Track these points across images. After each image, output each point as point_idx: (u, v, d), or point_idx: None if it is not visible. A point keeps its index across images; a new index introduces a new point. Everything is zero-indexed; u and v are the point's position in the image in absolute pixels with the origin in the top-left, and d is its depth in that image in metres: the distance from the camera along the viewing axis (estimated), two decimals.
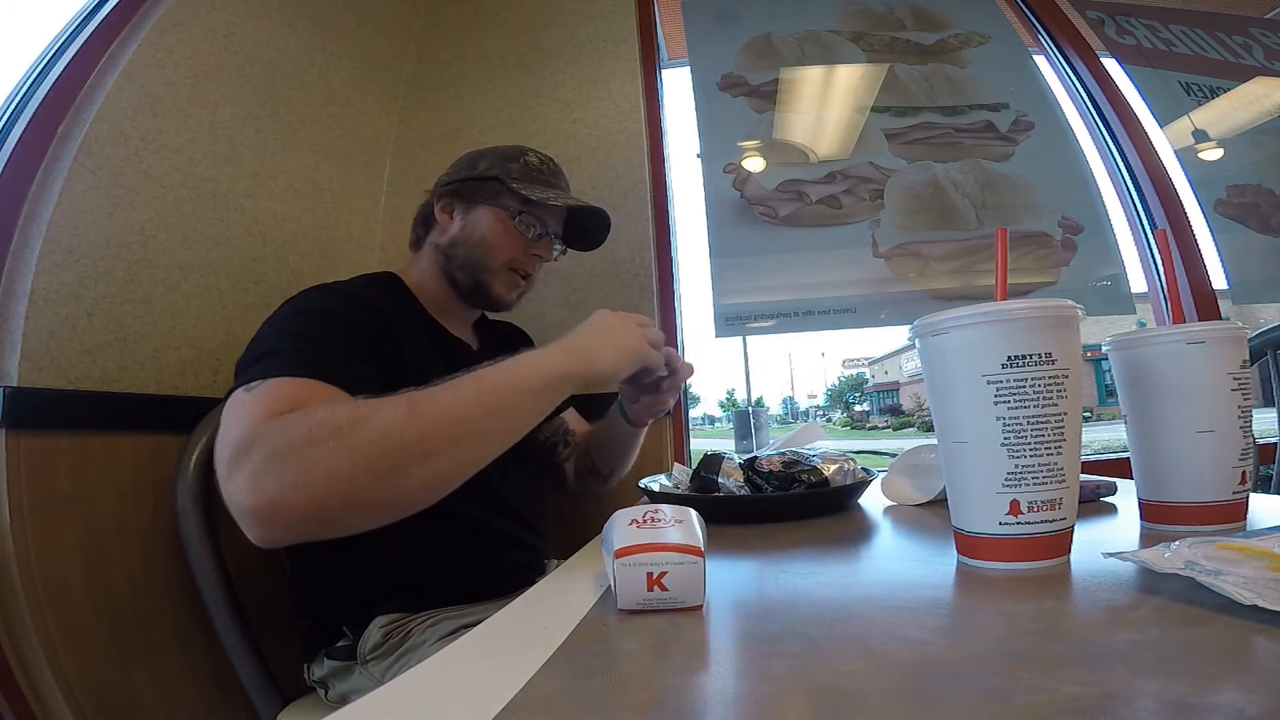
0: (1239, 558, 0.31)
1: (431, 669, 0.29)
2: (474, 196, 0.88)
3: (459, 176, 0.90)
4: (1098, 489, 0.62)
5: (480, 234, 0.87)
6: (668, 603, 0.35)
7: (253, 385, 0.56)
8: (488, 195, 0.87)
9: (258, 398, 0.55)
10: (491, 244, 0.87)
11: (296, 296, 0.75)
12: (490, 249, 0.87)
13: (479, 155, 0.91)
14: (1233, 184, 1.55)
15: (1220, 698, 0.21)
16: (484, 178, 0.88)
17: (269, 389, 0.55)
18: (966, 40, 1.67)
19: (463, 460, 0.54)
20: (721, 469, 0.71)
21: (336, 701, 0.77)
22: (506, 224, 0.87)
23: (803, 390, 33.60)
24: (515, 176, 0.87)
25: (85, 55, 0.92)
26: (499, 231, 0.87)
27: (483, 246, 0.87)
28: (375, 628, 0.74)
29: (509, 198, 0.87)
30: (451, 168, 0.93)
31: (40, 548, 0.75)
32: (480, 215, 0.87)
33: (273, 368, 0.57)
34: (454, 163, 0.94)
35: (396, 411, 0.51)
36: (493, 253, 0.87)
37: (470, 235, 0.87)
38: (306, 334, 0.65)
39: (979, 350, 0.38)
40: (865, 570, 0.45)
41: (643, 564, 0.35)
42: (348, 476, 0.49)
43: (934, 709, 0.22)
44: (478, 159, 0.91)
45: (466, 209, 0.88)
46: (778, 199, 1.46)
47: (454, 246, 0.88)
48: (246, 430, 0.51)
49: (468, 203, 0.88)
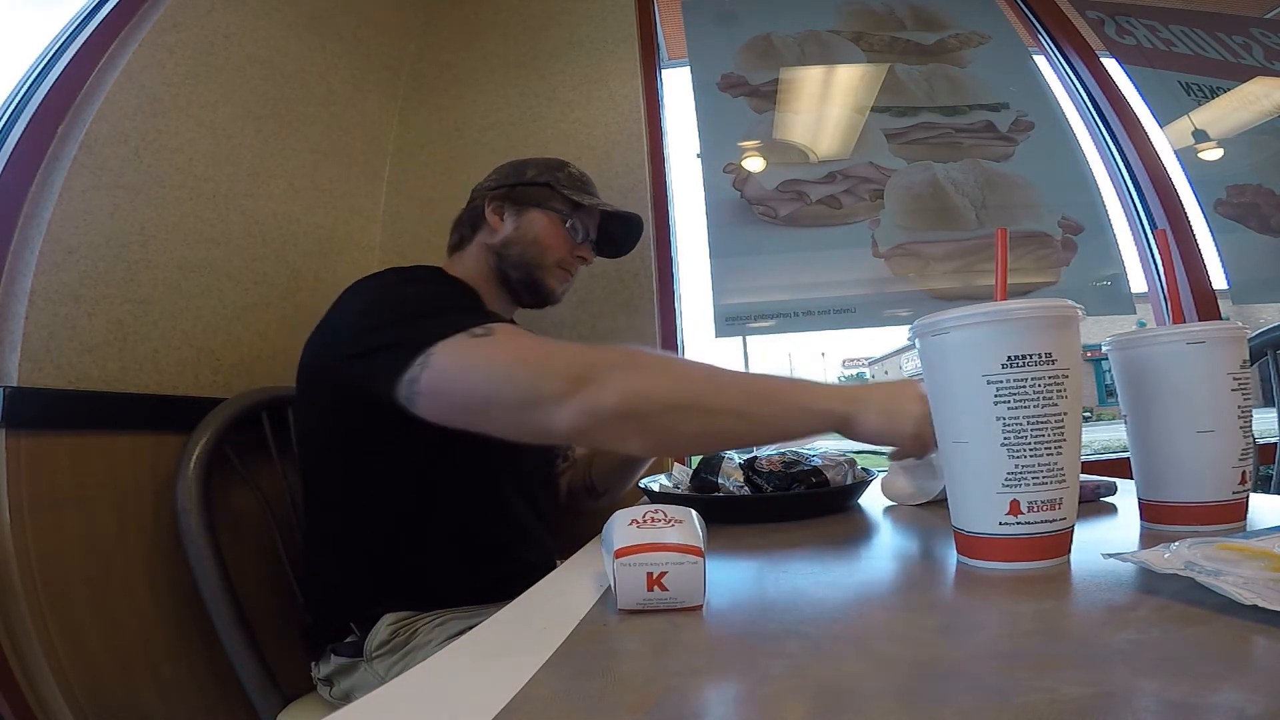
0: (1239, 558, 0.31)
1: (432, 669, 0.29)
2: (526, 200, 0.93)
3: (508, 182, 0.95)
4: (1098, 489, 0.62)
5: (534, 234, 0.92)
6: (668, 603, 0.35)
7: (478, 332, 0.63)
8: (539, 199, 0.93)
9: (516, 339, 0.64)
10: (545, 243, 0.92)
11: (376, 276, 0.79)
12: (544, 248, 0.92)
13: (525, 164, 0.97)
14: (1233, 184, 1.55)
15: (1220, 698, 0.21)
16: (535, 183, 0.94)
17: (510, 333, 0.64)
18: (966, 40, 1.67)
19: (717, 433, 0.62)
20: (721, 469, 0.72)
21: (340, 698, 0.78)
22: (558, 226, 0.93)
23: None
24: (564, 184, 0.94)
25: (85, 55, 0.92)
26: (551, 232, 0.93)
27: (537, 245, 0.92)
28: (383, 625, 0.74)
29: (560, 202, 0.93)
30: (495, 174, 0.98)
31: (40, 548, 0.75)
32: (534, 217, 0.93)
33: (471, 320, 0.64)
34: (496, 170, 0.99)
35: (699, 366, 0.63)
36: (546, 251, 0.93)
37: (524, 235, 0.92)
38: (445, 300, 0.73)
39: (979, 350, 0.38)
40: (865, 570, 0.45)
41: (642, 564, 0.35)
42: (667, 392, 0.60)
43: (934, 709, 0.22)
44: (524, 167, 0.97)
45: (519, 212, 0.93)
46: (778, 199, 1.46)
47: (508, 246, 0.92)
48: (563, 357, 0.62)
49: (519, 206, 0.93)
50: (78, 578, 0.78)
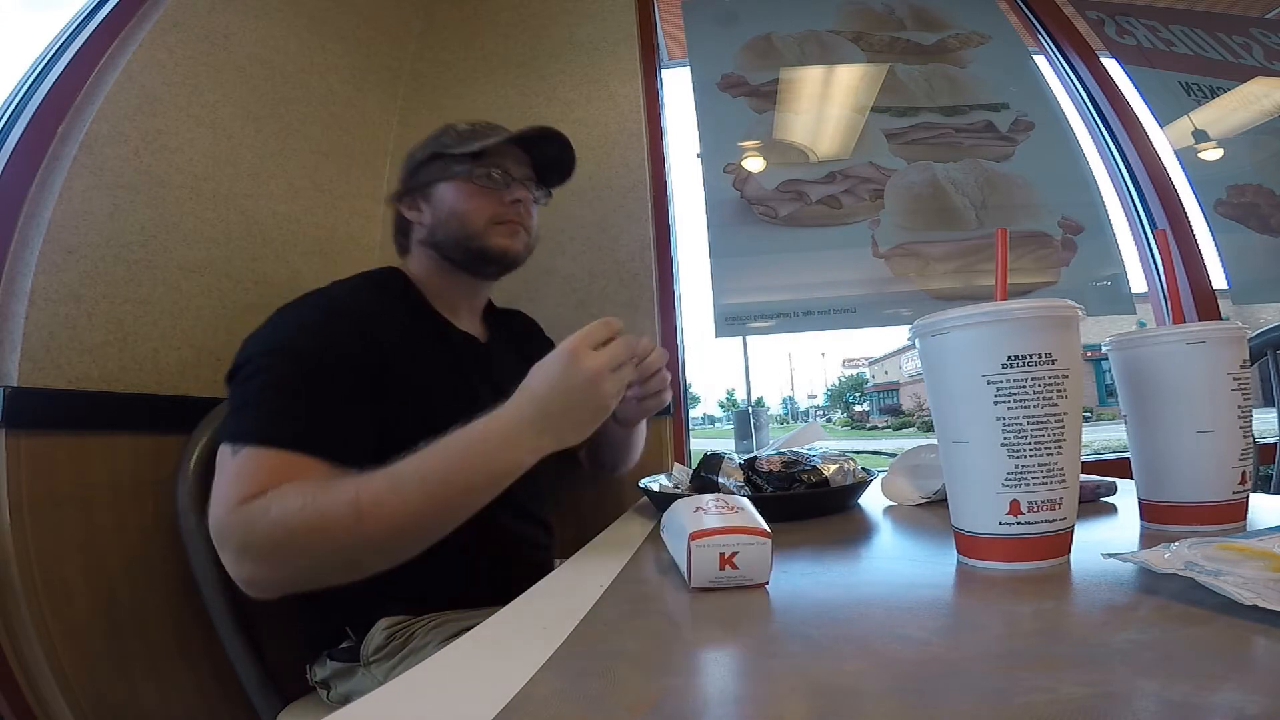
0: (1239, 558, 0.31)
1: (431, 669, 0.29)
2: (426, 181, 0.87)
3: (404, 175, 0.91)
4: (1098, 489, 0.62)
5: (449, 206, 0.86)
6: (737, 580, 0.38)
7: (238, 449, 0.62)
8: (437, 172, 0.87)
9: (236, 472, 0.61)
10: (464, 209, 0.85)
11: (287, 318, 0.75)
12: (466, 215, 0.85)
13: (412, 151, 0.92)
14: (1233, 184, 1.55)
15: (1220, 698, 0.21)
16: (424, 161, 0.88)
17: (246, 461, 0.61)
18: (966, 40, 1.67)
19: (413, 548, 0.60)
20: (721, 469, 0.71)
21: (338, 702, 0.77)
22: (466, 186, 0.85)
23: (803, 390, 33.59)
24: (451, 144, 0.86)
25: (85, 55, 0.92)
26: (464, 195, 0.85)
27: (458, 217, 0.85)
28: (378, 629, 0.73)
29: (455, 163, 0.86)
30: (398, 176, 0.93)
31: (40, 548, 0.75)
32: (440, 193, 0.86)
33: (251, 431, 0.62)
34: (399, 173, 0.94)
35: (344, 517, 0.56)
36: (470, 217, 0.85)
37: (440, 215, 0.86)
38: (291, 387, 0.66)
39: (979, 350, 0.38)
40: (865, 570, 0.45)
41: (716, 545, 0.38)
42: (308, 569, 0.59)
43: (934, 709, 0.22)
44: (412, 153, 0.91)
45: (427, 195, 0.88)
46: (778, 199, 1.46)
47: (435, 231, 0.87)
48: (220, 517, 0.59)
49: (423, 188, 0.88)
50: (78, 578, 0.78)
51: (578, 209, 1.41)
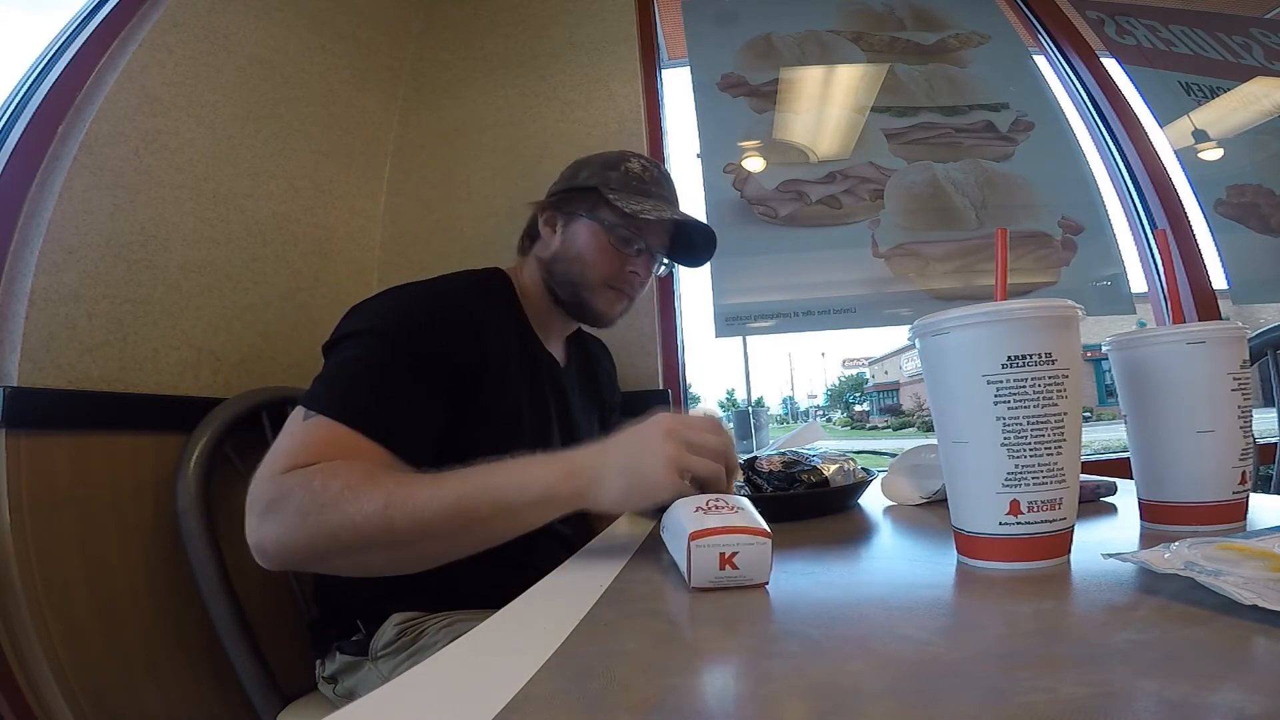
0: (1239, 558, 0.31)
1: (432, 668, 0.29)
2: (573, 208, 0.85)
3: (561, 187, 0.88)
4: (1098, 489, 0.62)
5: (577, 249, 0.84)
6: (737, 580, 0.38)
7: (310, 416, 0.61)
8: (586, 207, 0.84)
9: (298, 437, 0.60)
10: (588, 260, 0.83)
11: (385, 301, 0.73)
12: (587, 265, 0.83)
13: (583, 163, 0.88)
14: (1233, 184, 1.55)
15: (1220, 698, 0.21)
16: (583, 188, 0.85)
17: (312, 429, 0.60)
18: (966, 40, 1.67)
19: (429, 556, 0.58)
20: None
21: (343, 697, 0.77)
22: (602, 239, 0.83)
23: (803, 390, 33.57)
24: (613, 186, 0.83)
25: (85, 55, 0.92)
26: (595, 247, 0.83)
27: (580, 263, 0.83)
28: (390, 624, 0.74)
29: (605, 210, 0.83)
30: (560, 176, 0.90)
31: (40, 548, 0.75)
32: (578, 229, 0.84)
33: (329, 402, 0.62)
34: (564, 171, 0.91)
35: (374, 503, 0.54)
36: (590, 269, 0.83)
37: (568, 250, 0.84)
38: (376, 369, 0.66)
39: (979, 350, 0.38)
40: (865, 570, 0.45)
41: (716, 545, 0.38)
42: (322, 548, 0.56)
43: (934, 709, 0.22)
44: (581, 167, 0.88)
45: (566, 222, 0.85)
46: (778, 199, 1.46)
47: (554, 261, 0.85)
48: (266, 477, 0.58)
49: (567, 215, 0.85)
50: (78, 578, 0.78)
51: None
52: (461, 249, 1.43)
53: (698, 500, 0.44)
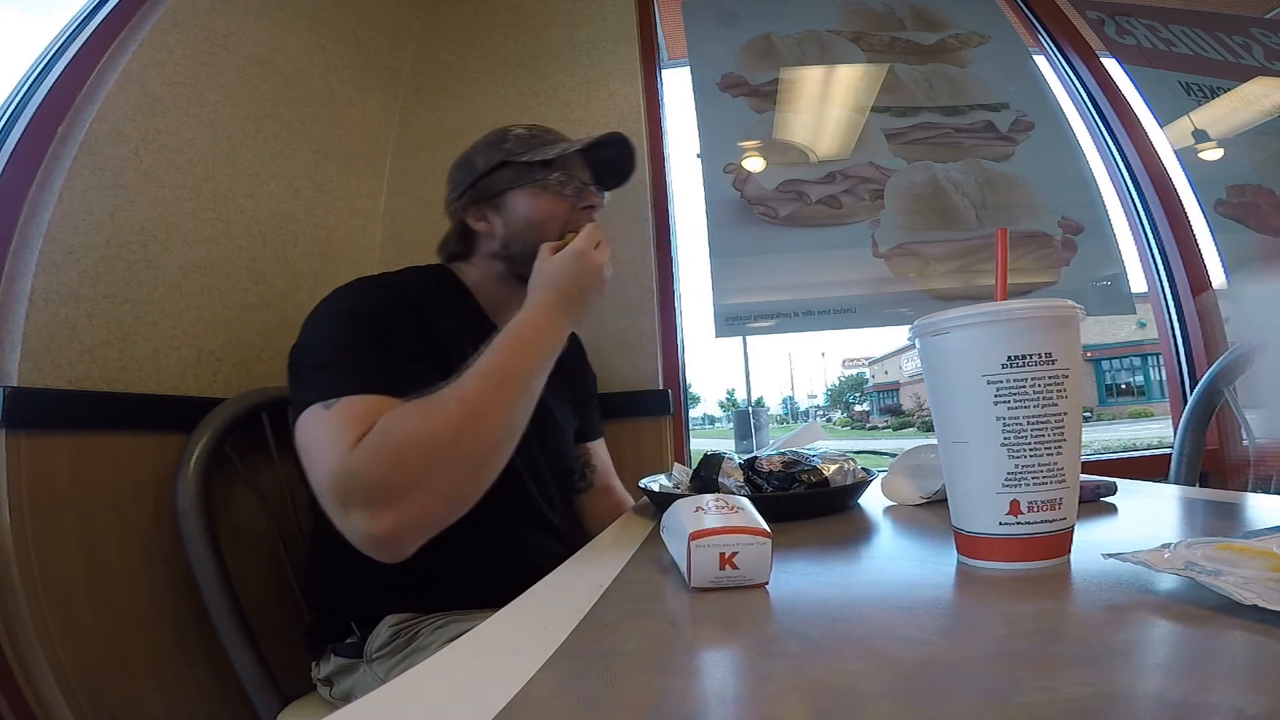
0: (1239, 558, 0.31)
1: (432, 668, 0.29)
2: (495, 190, 0.84)
3: (467, 182, 0.86)
4: (1098, 489, 0.62)
5: (524, 217, 0.83)
6: (737, 580, 0.38)
7: (331, 403, 0.62)
8: (508, 181, 0.84)
9: (339, 420, 0.61)
10: (540, 219, 0.83)
11: (341, 293, 0.76)
12: (542, 225, 0.83)
13: (469, 156, 0.88)
14: (1233, 184, 1.55)
15: (1220, 698, 0.21)
16: (490, 170, 0.84)
17: (345, 409, 0.62)
18: (966, 40, 1.67)
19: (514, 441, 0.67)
20: (721, 469, 0.71)
21: (340, 699, 0.77)
22: (541, 194, 0.83)
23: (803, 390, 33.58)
24: (518, 151, 0.84)
25: (85, 55, 0.92)
26: (539, 205, 0.83)
27: (533, 229, 0.83)
28: (384, 626, 0.74)
29: (527, 171, 0.83)
30: (452, 181, 0.89)
31: (40, 548, 0.75)
32: (513, 203, 0.84)
33: (342, 383, 0.64)
34: (450, 177, 0.90)
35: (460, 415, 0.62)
36: (546, 226, 0.83)
37: (515, 225, 0.84)
38: (362, 342, 0.69)
39: (979, 350, 0.38)
40: (865, 570, 0.45)
41: (716, 545, 0.38)
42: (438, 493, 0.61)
43: (934, 709, 0.22)
44: (472, 159, 0.87)
45: (496, 206, 0.85)
46: (778, 199, 1.46)
47: (507, 245, 0.84)
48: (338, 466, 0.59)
49: (493, 199, 0.85)
50: (78, 578, 0.78)
51: None
52: None
53: (698, 500, 0.44)
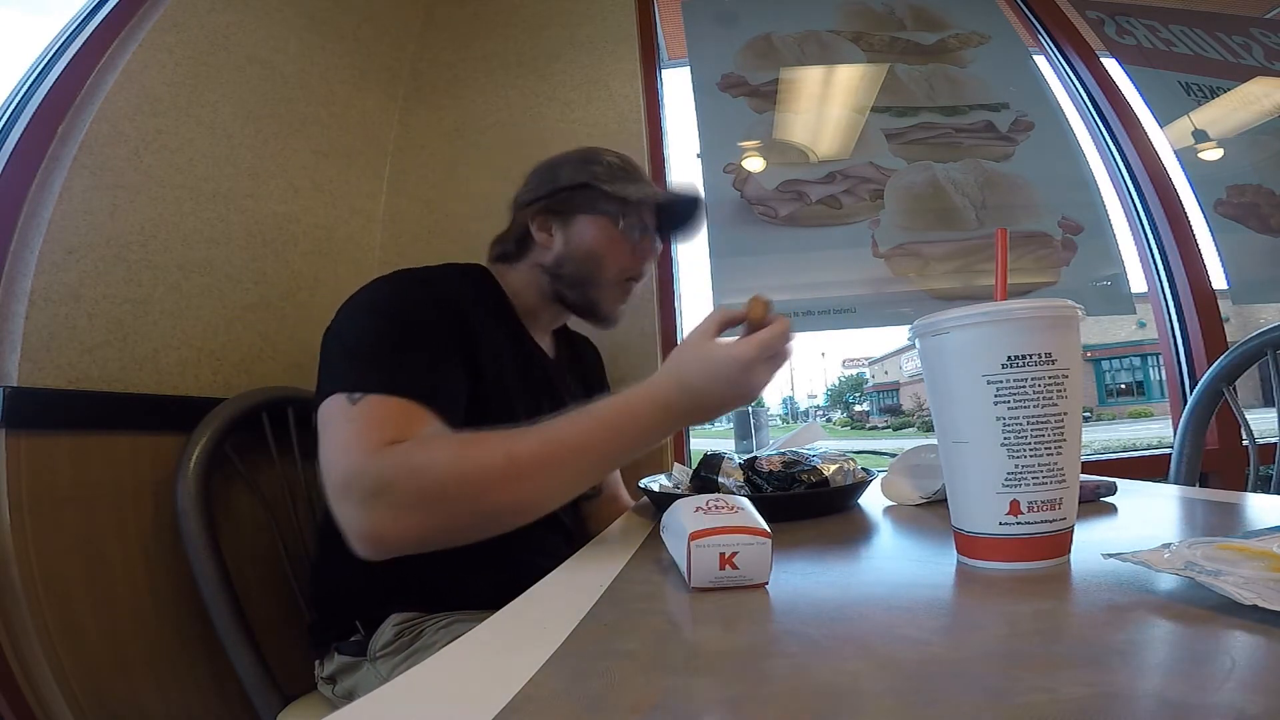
0: (1239, 558, 0.31)
1: (432, 668, 0.29)
2: (569, 208, 0.83)
3: (545, 190, 0.85)
4: (1098, 489, 0.62)
5: (586, 247, 0.82)
6: (737, 580, 0.38)
7: (356, 397, 0.60)
8: (583, 203, 0.83)
9: (364, 418, 0.59)
10: (600, 254, 0.82)
11: (383, 284, 0.74)
12: (600, 261, 0.82)
13: (556, 164, 0.87)
14: (1233, 184, 1.55)
15: (1220, 698, 0.21)
16: (572, 185, 0.83)
17: (372, 408, 0.59)
18: (966, 40, 1.67)
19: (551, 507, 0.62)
20: (721, 469, 0.71)
21: (342, 697, 0.77)
22: (610, 230, 0.82)
23: (803, 390, 33.55)
24: (603, 178, 0.83)
25: (85, 55, 0.92)
26: (605, 240, 0.82)
27: (592, 260, 0.82)
28: (389, 625, 0.74)
29: (606, 201, 0.82)
30: (531, 182, 0.88)
31: (40, 548, 0.75)
32: (581, 226, 0.83)
33: (372, 379, 0.61)
34: (529, 177, 0.89)
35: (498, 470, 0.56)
36: (604, 264, 0.83)
37: (576, 249, 0.83)
38: (399, 342, 0.66)
39: (979, 350, 0.38)
40: (865, 570, 0.45)
41: (716, 545, 0.38)
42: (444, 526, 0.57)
43: (934, 709, 0.22)
44: (557, 168, 0.86)
45: (565, 222, 0.83)
46: (778, 199, 1.46)
47: (561, 264, 0.83)
48: (357, 461, 0.57)
49: (564, 215, 0.83)
50: (78, 578, 0.78)
51: None
52: (461, 249, 1.41)
53: (698, 500, 0.44)
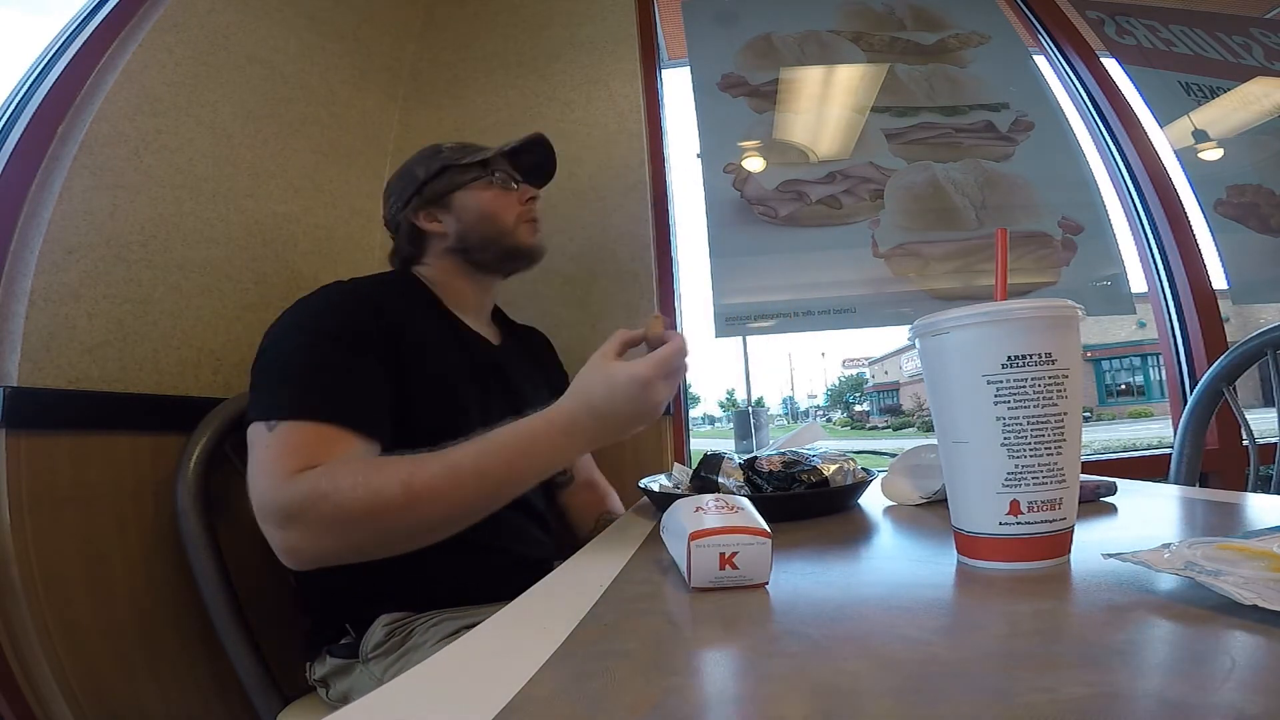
0: (1239, 558, 0.31)
1: (432, 668, 0.29)
2: (443, 191, 0.90)
3: (410, 192, 0.91)
4: (1098, 489, 0.62)
5: (476, 211, 0.90)
6: (737, 580, 0.38)
7: (274, 425, 0.63)
8: (453, 183, 0.90)
9: (278, 445, 0.63)
10: (493, 210, 0.90)
11: (305, 304, 0.77)
12: (496, 214, 0.90)
13: (408, 168, 0.93)
14: (1233, 184, 1.55)
15: (1220, 698, 0.21)
16: (436, 175, 0.91)
17: (286, 435, 0.63)
18: (966, 40, 1.67)
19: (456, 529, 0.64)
20: (721, 469, 0.71)
21: (337, 700, 0.77)
22: (486, 189, 0.91)
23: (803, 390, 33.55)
24: (457, 158, 0.91)
25: (85, 55, 0.92)
26: (490, 198, 0.91)
27: (487, 219, 0.90)
28: (379, 626, 0.74)
29: (468, 171, 0.91)
30: (392, 196, 0.94)
31: (40, 548, 0.75)
32: (462, 199, 0.90)
33: (285, 406, 0.65)
34: (387, 194, 0.95)
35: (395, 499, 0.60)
36: (500, 216, 0.90)
37: (469, 218, 0.90)
38: (319, 363, 0.69)
39: (979, 350, 0.38)
40: (865, 570, 0.45)
41: (716, 545, 0.38)
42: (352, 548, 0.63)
43: (934, 709, 0.22)
44: (410, 170, 0.92)
45: (445, 206, 0.91)
46: (778, 199, 1.46)
47: (465, 237, 0.90)
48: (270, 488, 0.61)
49: (441, 200, 0.91)
50: (78, 578, 0.78)
51: (578, 209, 1.41)
52: None
53: (698, 500, 0.44)
